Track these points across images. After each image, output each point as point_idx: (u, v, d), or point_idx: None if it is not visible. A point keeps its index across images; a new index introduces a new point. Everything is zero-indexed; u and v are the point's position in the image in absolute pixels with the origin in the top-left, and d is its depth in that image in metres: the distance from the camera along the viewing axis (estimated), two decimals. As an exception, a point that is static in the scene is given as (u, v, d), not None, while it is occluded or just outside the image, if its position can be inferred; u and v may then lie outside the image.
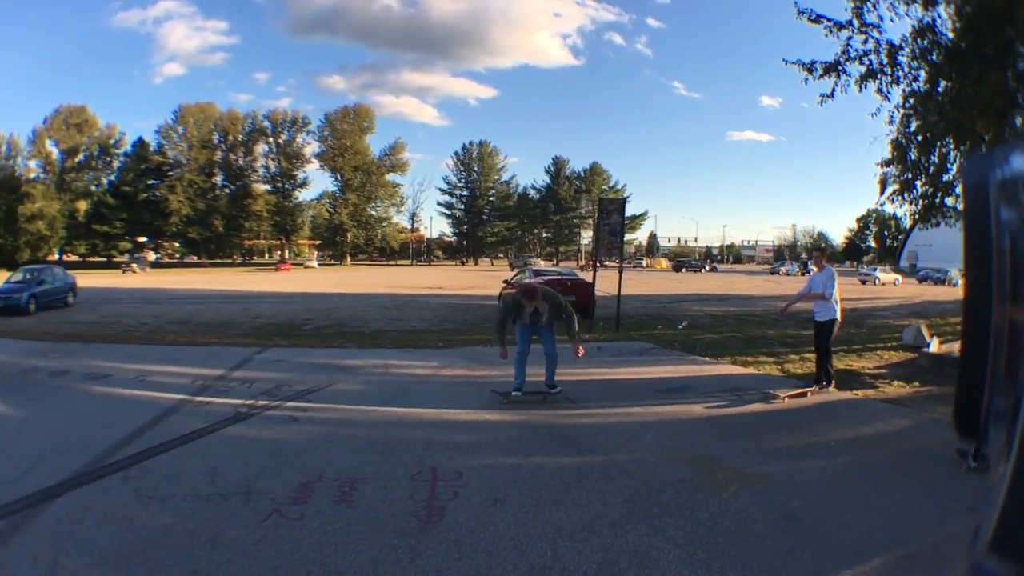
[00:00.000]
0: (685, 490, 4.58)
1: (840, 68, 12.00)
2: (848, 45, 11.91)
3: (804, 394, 7.73)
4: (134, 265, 66.00)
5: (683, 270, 69.98)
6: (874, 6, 11.73)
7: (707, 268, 74.15)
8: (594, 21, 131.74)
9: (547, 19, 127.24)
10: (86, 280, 29.46)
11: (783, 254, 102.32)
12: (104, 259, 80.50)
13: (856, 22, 11.81)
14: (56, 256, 77.40)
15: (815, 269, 8.51)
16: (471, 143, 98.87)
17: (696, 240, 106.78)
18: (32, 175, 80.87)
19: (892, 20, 11.96)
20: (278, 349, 11.49)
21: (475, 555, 3.57)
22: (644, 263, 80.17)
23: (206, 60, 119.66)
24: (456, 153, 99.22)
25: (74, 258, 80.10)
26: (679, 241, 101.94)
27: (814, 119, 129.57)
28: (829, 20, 11.98)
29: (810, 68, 12.15)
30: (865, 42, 11.89)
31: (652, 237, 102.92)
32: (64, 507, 4.31)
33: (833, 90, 12.12)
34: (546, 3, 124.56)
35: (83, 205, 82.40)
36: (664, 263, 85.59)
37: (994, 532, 1.19)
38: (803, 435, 6.07)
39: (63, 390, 8.20)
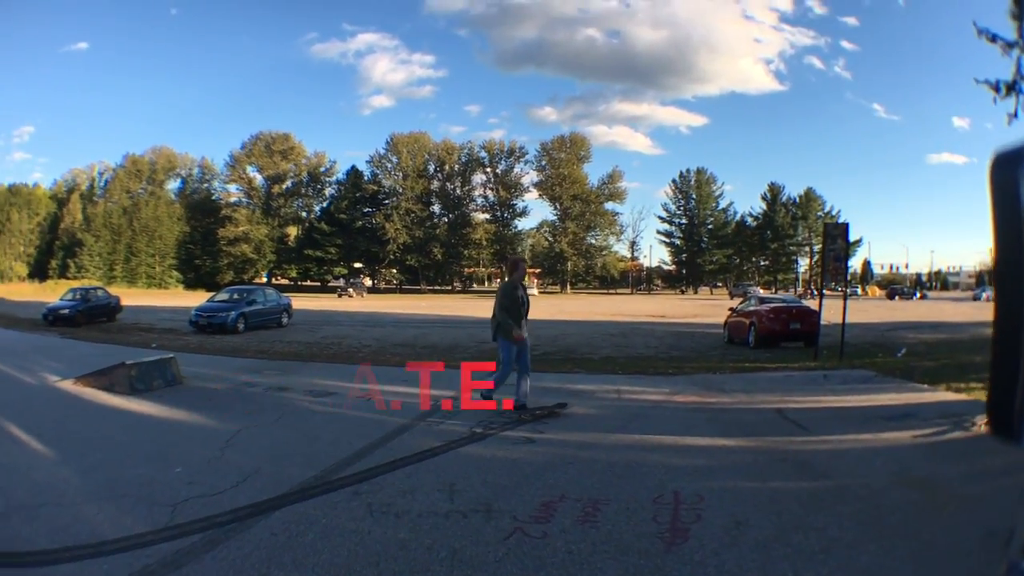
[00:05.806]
0: (911, 512, 4.89)
1: (1016, 87, 12.85)
2: (1020, 63, 12.79)
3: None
4: (351, 289, 70.82)
5: (896, 297, 72.07)
6: None
7: (919, 295, 76.43)
8: (793, 45, 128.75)
9: (748, 45, 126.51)
10: (301, 303, 33.05)
11: (983, 280, 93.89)
12: (318, 283, 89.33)
13: (1020, 41, 12.70)
14: (264, 279, 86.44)
15: None
16: (687, 170, 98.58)
17: (907, 267, 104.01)
18: (232, 199, 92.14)
19: None
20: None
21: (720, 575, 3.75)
22: (859, 291, 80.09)
23: (415, 93, 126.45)
24: (673, 181, 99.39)
25: (284, 281, 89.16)
26: (890, 268, 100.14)
27: (1002, 140, 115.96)
28: (1003, 40, 12.92)
29: (996, 87, 13.05)
30: None
31: (866, 264, 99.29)
32: (282, 520, 4.57)
33: (1016, 109, 12.89)
34: (745, 29, 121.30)
35: (293, 230, 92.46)
36: (876, 290, 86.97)
37: None
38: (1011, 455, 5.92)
39: (283, 406, 8.91)
